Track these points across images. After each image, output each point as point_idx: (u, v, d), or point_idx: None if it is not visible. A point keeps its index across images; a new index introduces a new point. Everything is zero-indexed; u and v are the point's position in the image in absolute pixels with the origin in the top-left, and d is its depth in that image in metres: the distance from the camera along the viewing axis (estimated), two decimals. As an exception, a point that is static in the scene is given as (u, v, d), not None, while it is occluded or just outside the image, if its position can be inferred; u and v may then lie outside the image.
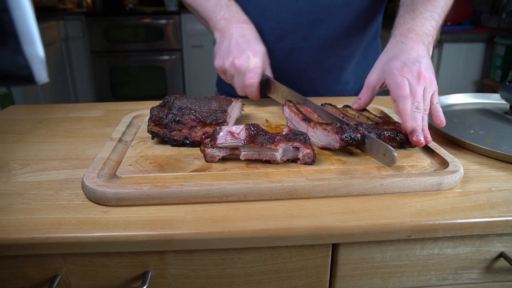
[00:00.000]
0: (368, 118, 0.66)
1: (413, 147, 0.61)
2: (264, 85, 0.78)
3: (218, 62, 0.79)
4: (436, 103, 0.61)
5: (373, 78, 0.67)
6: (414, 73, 0.60)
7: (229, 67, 0.76)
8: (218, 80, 1.09)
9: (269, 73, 0.80)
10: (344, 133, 0.57)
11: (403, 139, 0.60)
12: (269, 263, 0.49)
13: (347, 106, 0.72)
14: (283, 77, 0.94)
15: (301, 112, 0.68)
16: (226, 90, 1.05)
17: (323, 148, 0.61)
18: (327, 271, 0.51)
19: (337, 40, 0.89)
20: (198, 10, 0.86)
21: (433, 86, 0.62)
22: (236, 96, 1.01)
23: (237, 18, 0.81)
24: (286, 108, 0.71)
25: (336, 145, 0.57)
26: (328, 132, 0.59)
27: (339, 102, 0.80)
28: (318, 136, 0.61)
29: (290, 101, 0.72)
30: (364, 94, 0.69)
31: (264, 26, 0.88)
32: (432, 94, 0.61)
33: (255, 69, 0.75)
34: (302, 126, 0.65)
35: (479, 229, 0.47)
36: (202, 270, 0.49)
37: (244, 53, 0.75)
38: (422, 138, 0.56)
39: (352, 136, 0.57)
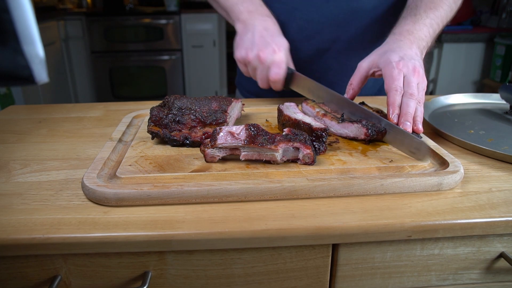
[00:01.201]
0: None
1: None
2: (289, 79, 0.78)
3: (241, 53, 0.78)
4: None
5: (366, 63, 0.70)
6: (410, 67, 0.64)
7: (253, 59, 0.76)
8: (239, 78, 1.08)
9: (292, 66, 0.80)
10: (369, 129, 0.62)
11: None
12: (269, 263, 0.49)
13: None
14: None
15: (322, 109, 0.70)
16: (246, 88, 1.04)
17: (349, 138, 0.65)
18: (327, 271, 0.51)
19: (362, 43, 0.90)
20: (219, 0, 0.85)
21: (424, 85, 0.65)
22: (257, 95, 1.00)
23: (260, 11, 0.81)
24: (305, 105, 0.73)
25: (362, 136, 0.62)
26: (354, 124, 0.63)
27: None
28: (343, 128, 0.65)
29: (313, 100, 0.74)
30: (357, 77, 0.71)
31: (292, 25, 0.88)
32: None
33: (280, 63, 0.75)
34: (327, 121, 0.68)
35: (479, 230, 0.47)
36: (202, 271, 0.49)
37: (269, 46, 0.75)
38: (409, 129, 0.59)
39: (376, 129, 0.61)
